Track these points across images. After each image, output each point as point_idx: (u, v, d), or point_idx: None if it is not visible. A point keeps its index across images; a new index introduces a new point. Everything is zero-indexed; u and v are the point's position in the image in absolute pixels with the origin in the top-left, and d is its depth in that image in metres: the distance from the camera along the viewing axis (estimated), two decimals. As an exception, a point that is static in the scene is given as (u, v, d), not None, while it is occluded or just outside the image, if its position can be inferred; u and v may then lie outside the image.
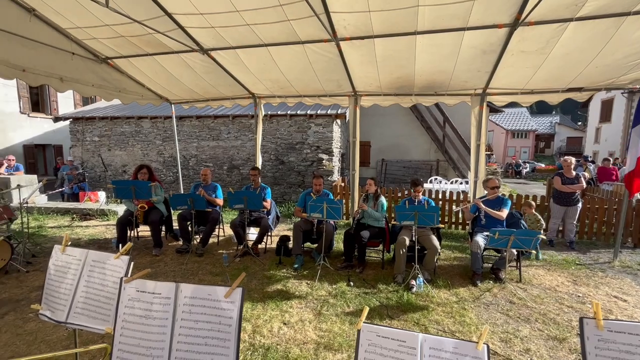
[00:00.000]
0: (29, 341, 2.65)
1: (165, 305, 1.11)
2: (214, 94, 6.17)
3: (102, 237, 5.69)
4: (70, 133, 11.32)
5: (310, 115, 9.16)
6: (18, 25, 4.05)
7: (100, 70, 5.21)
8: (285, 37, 4.20)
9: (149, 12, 3.85)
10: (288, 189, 9.55)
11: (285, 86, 5.58)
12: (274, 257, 4.73)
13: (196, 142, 10.14)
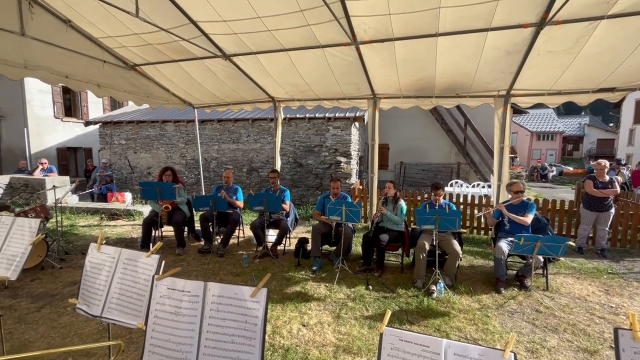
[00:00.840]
0: (63, 334, 2.80)
1: (194, 303, 1.15)
2: (235, 98, 6.32)
3: (128, 237, 5.93)
4: (100, 136, 11.87)
5: (329, 118, 9.20)
6: (56, 35, 4.31)
7: (129, 77, 5.46)
8: (306, 41, 4.25)
9: (175, 20, 4.01)
10: (306, 191, 9.60)
11: (304, 90, 5.64)
12: (293, 259, 4.77)
13: (217, 145, 10.39)
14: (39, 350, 2.57)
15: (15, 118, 13.51)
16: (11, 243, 1.72)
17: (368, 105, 5.59)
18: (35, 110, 13.92)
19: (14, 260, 1.67)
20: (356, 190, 7.23)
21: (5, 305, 3.32)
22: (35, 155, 13.59)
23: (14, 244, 1.72)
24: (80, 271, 4.24)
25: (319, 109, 9.50)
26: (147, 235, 4.82)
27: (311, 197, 9.49)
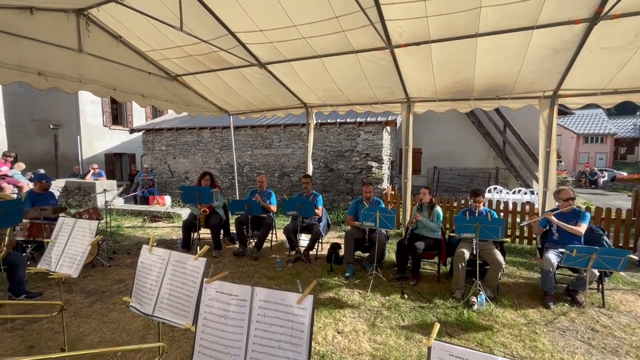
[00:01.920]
0: (113, 329, 2.98)
1: (242, 307, 1.17)
2: (268, 104, 6.47)
3: (168, 238, 6.23)
4: (143, 143, 12.66)
5: (360, 122, 9.15)
6: (108, 51, 4.67)
7: (171, 87, 5.78)
8: (339, 47, 4.28)
9: (214, 32, 4.20)
10: (337, 196, 9.58)
11: (336, 95, 5.66)
12: (325, 264, 4.76)
13: (250, 150, 10.68)
14: (93, 343, 2.76)
15: (70, 127, 14.77)
16: (73, 243, 1.87)
17: (402, 109, 5.49)
18: (87, 120, 15.14)
19: (75, 259, 1.82)
20: (388, 196, 7.10)
21: (62, 299, 3.60)
22: (86, 160, 14.75)
23: (75, 243, 1.87)
24: (126, 270, 4.53)
25: (349, 114, 9.48)
26: (187, 237, 5.04)
27: (342, 202, 9.45)
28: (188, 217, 5.23)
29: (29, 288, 3.66)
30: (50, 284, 3.98)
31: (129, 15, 4.10)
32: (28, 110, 14.56)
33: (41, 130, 14.71)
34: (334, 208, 9.24)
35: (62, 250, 1.89)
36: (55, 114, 14.64)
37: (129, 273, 4.41)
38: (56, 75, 4.25)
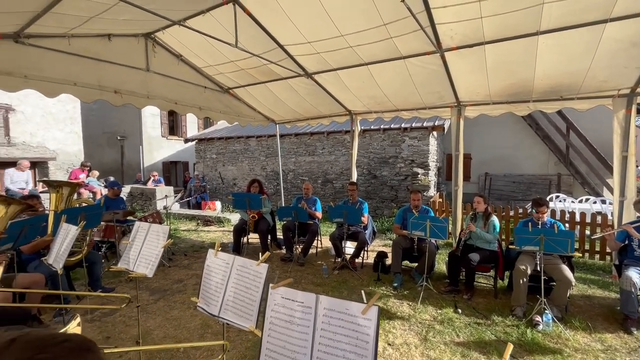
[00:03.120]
0: (175, 325, 3.21)
1: (307, 314, 1.20)
2: (313, 113, 6.61)
3: (220, 242, 6.57)
4: (195, 152, 13.58)
5: (405, 128, 8.95)
6: (171, 68, 5.12)
7: (224, 99, 6.16)
8: (386, 54, 4.26)
9: (265, 46, 4.41)
10: (380, 203, 9.42)
11: (382, 101, 5.61)
12: (371, 273, 4.69)
13: (294, 158, 10.95)
14: (158, 337, 2.99)
15: (134, 138, 16.33)
16: (148, 245, 2.07)
17: (451, 113, 5.27)
18: (148, 131, 16.65)
19: (150, 260, 2.01)
20: (436, 204, 6.82)
21: (131, 296, 3.96)
22: (147, 168, 16.17)
23: (149, 246, 2.06)
24: (184, 270, 4.85)
25: (394, 120, 9.31)
26: (237, 241, 5.29)
27: (386, 210, 9.27)
28: (238, 222, 5.48)
29: (104, 284, 4.08)
30: (121, 281, 4.40)
31: (189, 36, 4.48)
32: (100, 124, 16.37)
33: (110, 141, 16.45)
34: (378, 215, 9.09)
35: (139, 251, 2.10)
36: (122, 126, 16.30)
37: (187, 274, 4.72)
38: (129, 93, 4.76)
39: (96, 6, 3.20)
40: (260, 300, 1.52)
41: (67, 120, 13.16)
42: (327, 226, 7.57)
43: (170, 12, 3.68)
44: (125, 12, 3.43)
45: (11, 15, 3.13)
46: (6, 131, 11.56)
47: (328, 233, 6.97)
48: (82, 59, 4.18)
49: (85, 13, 3.38)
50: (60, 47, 3.95)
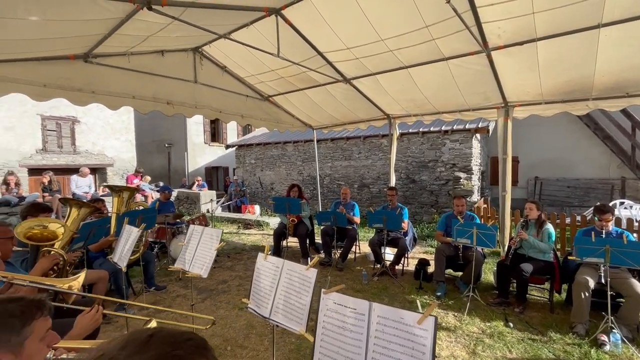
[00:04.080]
0: (222, 324, 3.36)
1: (360, 321, 1.21)
2: (351, 117, 6.61)
3: (260, 244, 6.77)
4: (235, 157, 14.16)
5: (445, 131, 8.64)
6: (216, 79, 5.41)
7: (264, 107, 6.38)
8: (428, 56, 4.16)
9: (304, 54, 4.51)
10: (419, 208, 9.15)
11: (422, 104, 5.47)
12: (412, 281, 4.56)
13: (330, 162, 11.01)
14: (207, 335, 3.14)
15: (179, 145, 17.42)
16: (202, 247, 2.20)
17: (498, 115, 5.00)
18: (192, 138, 17.67)
19: (205, 262, 2.13)
20: (481, 210, 6.48)
21: (180, 294, 4.22)
22: (191, 173, 17.14)
23: (203, 248, 2.19)
24: (227, 272, 5.06)
25: (433, 123, 9.03)
26: (277, 245, 5.41)
27: (425, 215, 8.98)
28: (278, 226, 5.62)
29: (156, 282, 4.38)
30: (171, 280, 4.69)
31: (233, 48, 4.71)
32: (150, 133, 17.67)
33: (159, 148, 17.67)
34: (417, 221, 8.83)
35: (194, 253, 2.24)
36: (169, 134, 17.46)
37: (230, 275, 4.92)
38: (179, 104, 5.10)
39: (153, 26, 3.48)
40: (309, 304, 1.55)
41: (122, 130, 14.39)
42: (364, 231, 7.50)
43: (217, 27, 3.90)
44: (178, 29, 3.70)
45: (83, 38, 3.51)
46: (72, 140, 12.89)
47: (365, 238, 6.91)
48: (139, 74, 4.56)
49: (144, 32, 3.69)
50: (121, 64, 4.35)
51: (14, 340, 0.89)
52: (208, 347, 0.59)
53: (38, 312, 0.95)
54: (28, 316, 0.92)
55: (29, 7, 2.46)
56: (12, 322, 0.89)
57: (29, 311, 0.93)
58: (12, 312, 0.91)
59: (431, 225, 8.01)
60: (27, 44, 3.21)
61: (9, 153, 11.22)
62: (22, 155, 11.55)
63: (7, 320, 0.89)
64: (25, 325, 0.91)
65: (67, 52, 3.83)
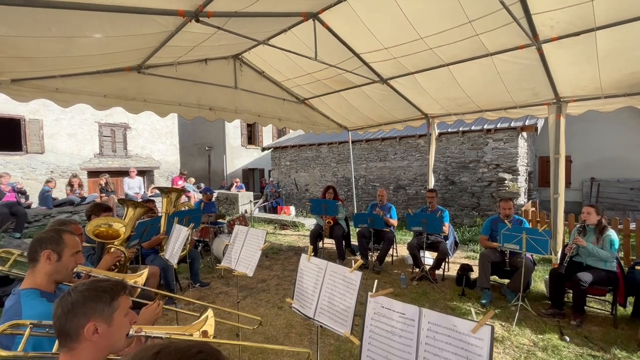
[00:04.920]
0: (263, 322, 3.44)
1: (409, 326, 1.19)
2: (387, 118, 6.51)
3: (296, 245, 6.88)
4: (271, 159, 14.51)
5: (488, 130, 8.20)
6: (255, 84, 5.59)
7: (300, 109, 6.48)
8: (470, 52, 3.99)
9: (341, 56, 4.52)
10: (459, 211, 8.76)
11: (463, 103, 5.25)
12: (454, 286, 4.38)
13: (365, 164, 10.91)
14: (248, 333, 3.25)
15: (218, 148, 18.21)
16: (247, 247, 2.28)
17: (548, 112, 4.65)
18: (230, 141, 18.39)
19: (250, 261, 2.21)
20: (529, 214, 6.06)
21: (223, 291, 4.40)
22: (229, 175, 17.84)
23: (249, 248, 2.28)
24: (266, 271, 5.19)
25: (474, 121, 8.62)
26: (314, 246, 5.46)
27: (466, 218, 8.59)
28: (315, 227, 5.67)
29: (200, 279, 4.61)
30: (214, 277, 4.92)
31: (270, 53, 4.85)
32: (191, 137, 18.67)
33: (200, 151, 18.60)
34: (456, 225, 8.46)
35: (239, 252, 2.33)
36: (209, 138, 18.32)
37: (269, 274, 5.05)
38: (221, 109, 5.35)
39: (199, 36, 3.68)
40: (354, 307, 1.55)
41: (167, 134, 15.35)
42: (400, 234, 7.34)
43: (256, 33, 4.03)
44: (222, 38, 3.88)
45: (138, 51, 3.80)
46: (124, 145, 13.98)
47: (402, 241, 6.76)
48: (185, 82, 4.85)
49: (190, 43, 3.92)
50: (169, 74, 4.66)
51: (107, 311, 1.05)
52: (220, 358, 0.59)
53: (122, 290, 1.12)
54: (115, 292, 1.09)
55: (94, 26, 2.72)
56: (104, 296, 1.06)
57: (116, 288, 1.10)
58: (104, 288, 1.08)
59: (473, 229, 7.64)
60: (91, 59, 3.55)
61: (71, 157, 12.43)
62: (82, 159, 12.74)
63: (101, 294, 1.06)
64: (114, 299, 1.07)
65: (123, 64, 4.17)
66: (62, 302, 1.01)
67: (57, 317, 1.00)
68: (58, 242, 1.50)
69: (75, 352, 0.99)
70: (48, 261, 1.47)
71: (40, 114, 11.47)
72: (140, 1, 2.63)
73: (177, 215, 3.66)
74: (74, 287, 1.05)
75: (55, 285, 1.55)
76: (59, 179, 11.36)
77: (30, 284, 1.46)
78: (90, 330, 0.99)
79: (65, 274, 1.54)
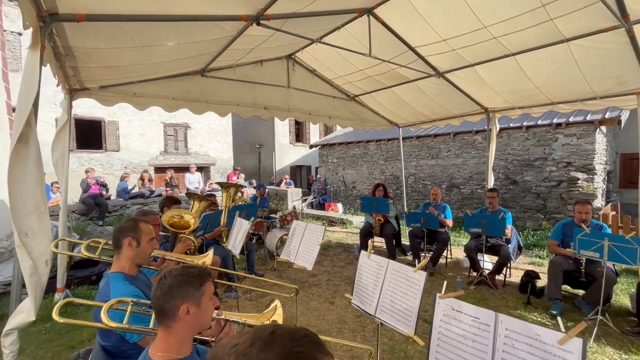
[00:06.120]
0: (315, 316, 3.54)
1: (484, 332, 1.13)
2: (442, 113, 6.22)
3: (345, 242, 6.90)
4: (318, 157, 14.70)
5: (558, 124, 7.41)
6: (306, 83, 5.69)
7: (350, 107, 6.46)
8: (542, 39, 3.64)
9: (395, 51, 4.41)
10: (522, 213, 8.07)
11: (531, 95, 4.81)
12: (517, 294, 4.07)
13: (415, 161, 10.55)
14: (301, 324, 3.35)
15: (268, 146, 18.91)
16: (305, 242, 2.36)
17: (638, 102, 4.07)
18: (279, 139, 18.99)
19: (309, 255, 2.28)
20: (608, 218, 5.38)
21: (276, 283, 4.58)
22: (278, 172, 18.44)
23: (307, 242, 2.35)
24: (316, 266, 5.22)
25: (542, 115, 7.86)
26: (364, 244, 5.43)
27: (529, 221, 7.88)
28: (365, 225, 5.64)
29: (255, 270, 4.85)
30: (267, 269, 5.14)
31: (322, 52, 4.90)
32: (243, 135, 19.63)
33: (251, 149, 19.49)
34: (518, 228, 7.78)
35: (298, 246, 2.41)
36: (259, 136, 19.11)
37: (319, 269, 5.13)
38: (274, 108, 5.54)
39: (258, 39, 3.85)
40: (418, 307, 1.52)
41: (222, 133, 16.33)
42: (454, 235, 6.98)
43: (311, 33, 4.10)
44: (278, 39, 4.01)
45: (202, 56, 4.09)
46: (185, 143, 15.17)
47: (455, 243, 6.42)
48: (242, 83, 5.10)
49: (249, 46, 4.11)
50: (228, 76, 4.93)
51: (197, 295, 1.16)
52: (322, 342, 0.62)
53: (208, 276, 1.22)
54: (203, 278, 1.19)
55: (168, 35, 2.99)
56: (194, 281, 1.17)
57: (203, 274, 1.21)
58: (194, 274, 1.18)
59: (538, 233, 7.00)
60: (164, 65, 3.90)
61: (141, 155, 13.83)
62: (150, 156, 14.10)
63: (192, 279, 1.17)
64: (202, 284, 1.18)
65: (189, 69, 4.52)
66: (161, 285, 1.13)
67: (156, 298, 1.12)
68: (136, 230, 1.69)
69: (172, 329, 1.11)
70: (129, 247, 1.67)
71: (117, 116, 12.92)
72: (208, 9, 2.83)
73: (237, 209, 3.89)
74: (168, 272, 1.17)
75: (137, 269, 1.75)
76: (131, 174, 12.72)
77: (117, 268, 1.67)
78: (184, 311, 1.11)
79: (144, 258, 1.74)
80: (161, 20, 2.65)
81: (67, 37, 2.62)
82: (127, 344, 1.48)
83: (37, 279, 1.99)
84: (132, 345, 1.49)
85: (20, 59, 10.94)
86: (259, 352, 0.57)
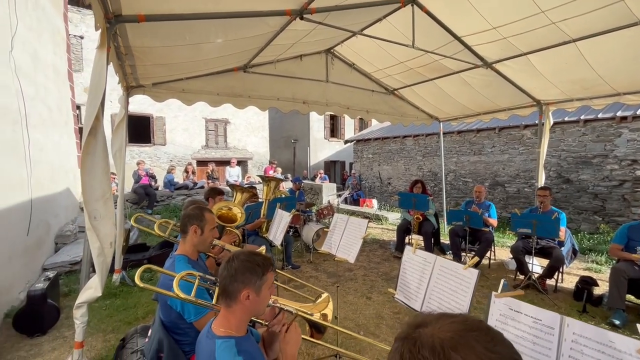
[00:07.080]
0: (353, 310, 3.55)
1: (548, 335, 1.07)
2: (488, 107, 5.88)
3: (380, 239, 6.82)
4: (353, 152, 14.59)
5: (622, 117, 6.69)
6: (344, 77, 5.65)
7: (389, 100, 6.33)
8: (608, 23, 3.31)
9: (439, 41, 4.23)
10: (576, 215, 7.43)
11: (593, 85, 4.38)
12: (570, 300, 3.78)
13: (455, 157, 10.11)
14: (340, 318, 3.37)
15: (303, 141, 19.10)
16: (347, 235, 2.37)
17: None
18: (314, 134, 19.11)
19: (351, 248, 2.29)
20: (683, 222, 4.78)
21: (312, 275, 4.65)
22: (312, 166, 18.60)
23: (348, 235, 2.36)
24: (352, 261, 5.27)
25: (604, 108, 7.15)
26: (401, 241, 5.33)
27: (584, 224, 7.25)
28: (402, 221, 5.52)
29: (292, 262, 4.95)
30: (303, 262, 5.23)
31: (362, 44, 4.83)
32: (279, 130, 19.99)
33: (286, 143, 19.82)
34: (571, 230, 7.15)
35: (339, 239, 2.43)
36: (295, 131, 19.36)
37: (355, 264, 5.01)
38: (313, 102, 5.58)
39: (300, 33, 3.89)
40: (469, 306, 1.47)
41: (259, 128, 16.76)
42: (497, 235, 6.61)
43: (352, 25, 4.05)
44: (319, 33, 4.02)
45: (246, 52, 4.21)
46: (225, 138, 15.77)
47: (499, 244, 6.08)
48: (282, 78, 5.19)
49: (291, 40, 4.16)
50: (269, 71, 5.04)
51: (258, 283, 1.20)
52: None
53: (270, 266, 1.26)
54: (265, 267, 1.23)
55: (217, 32, 3.11)
56: (258, 270, 1.21)
57: (266, 263, 1.24)
58: (258, 262, 1.23)
59: (595, 237, 6.42)
60: (210, 62, 4.08)
61: (185, 149, 14.62)
62: (193, 150, 14.86)
63: (255, 267, 1.21)
64: (264, 273, 1.22)
65: (233, 65, 4.68)
66: (228, 266, 1.19)
67: (223, 278, 1.19)
68: (202, 219, 1.79)
69: (231, 309, 1.18)
70: (194, 234, 1.78)
71: (163, 112, 13.74)
72: (254, 6, 2.90)
73: (277, 201, 3.99)
74: (237, 255, 1.23)
75: (197, 255, 1.86)
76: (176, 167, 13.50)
77: (182, 251, 1.79)
78: (244, 296, 1.16)
79: (205, 245, 1.84)
80: (213, 17, 2.75)
81: (128, 37, 2.82)
82: (184, 322, 1.59)
83: (103, 259, 2.19)
84: (188, 324, 1.60)
85: (82, 61, 12.00)
86: (494, 345, 0.53)
